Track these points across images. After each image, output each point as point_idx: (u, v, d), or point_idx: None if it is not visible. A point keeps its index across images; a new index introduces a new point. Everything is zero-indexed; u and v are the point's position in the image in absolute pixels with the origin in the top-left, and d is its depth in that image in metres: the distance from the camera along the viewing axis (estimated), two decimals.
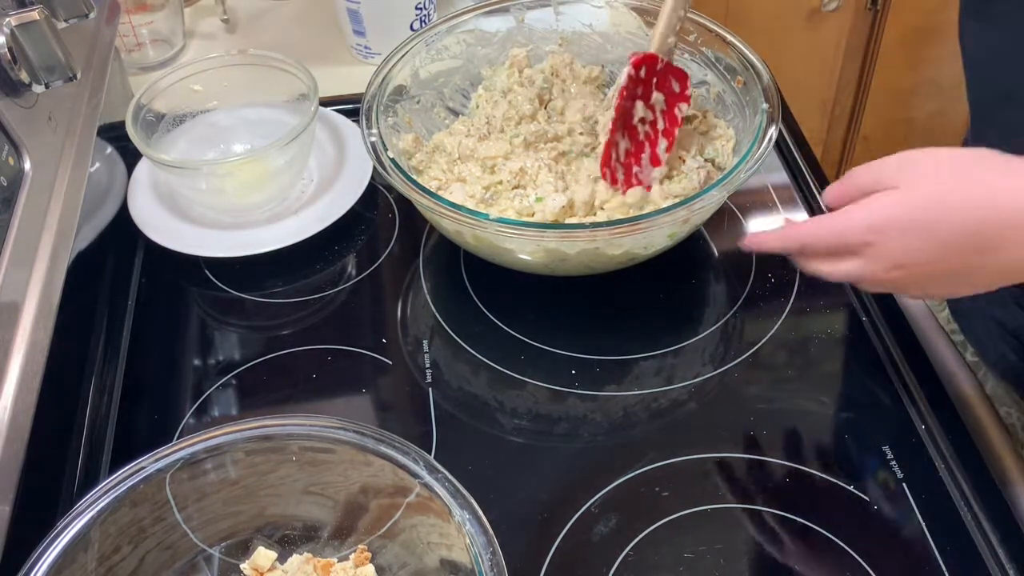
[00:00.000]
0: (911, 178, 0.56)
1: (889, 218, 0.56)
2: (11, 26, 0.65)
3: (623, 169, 0.79)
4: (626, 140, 0.80)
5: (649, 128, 0.80)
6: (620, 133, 0.80)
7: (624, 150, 0.79)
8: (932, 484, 0.67)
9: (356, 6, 1.04)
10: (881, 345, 0.77)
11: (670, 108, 0.80)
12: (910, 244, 0.55)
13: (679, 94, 0.80)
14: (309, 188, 0.91)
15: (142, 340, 0.81)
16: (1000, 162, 0.55)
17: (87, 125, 0.75)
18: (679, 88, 0.79)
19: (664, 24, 0.78)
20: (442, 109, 0.92)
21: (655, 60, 0.79)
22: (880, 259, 0.57)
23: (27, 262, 0.63)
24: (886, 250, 0.56)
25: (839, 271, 0.60)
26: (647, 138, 0.80)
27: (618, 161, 0.80)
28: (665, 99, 0.80)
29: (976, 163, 0.55)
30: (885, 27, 1.72)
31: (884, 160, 0.59)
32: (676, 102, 0.80)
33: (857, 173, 0.60)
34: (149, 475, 0.58)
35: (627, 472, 0.69)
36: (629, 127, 0.80)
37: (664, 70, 0.80)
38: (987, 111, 0.75)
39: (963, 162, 0.56)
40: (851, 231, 0.57)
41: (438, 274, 0.86)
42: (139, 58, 1.09)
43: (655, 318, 0.81)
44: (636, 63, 0.78)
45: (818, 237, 0.60)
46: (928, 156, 0.57)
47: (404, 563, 0.60)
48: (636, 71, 0.79)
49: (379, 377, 0.77)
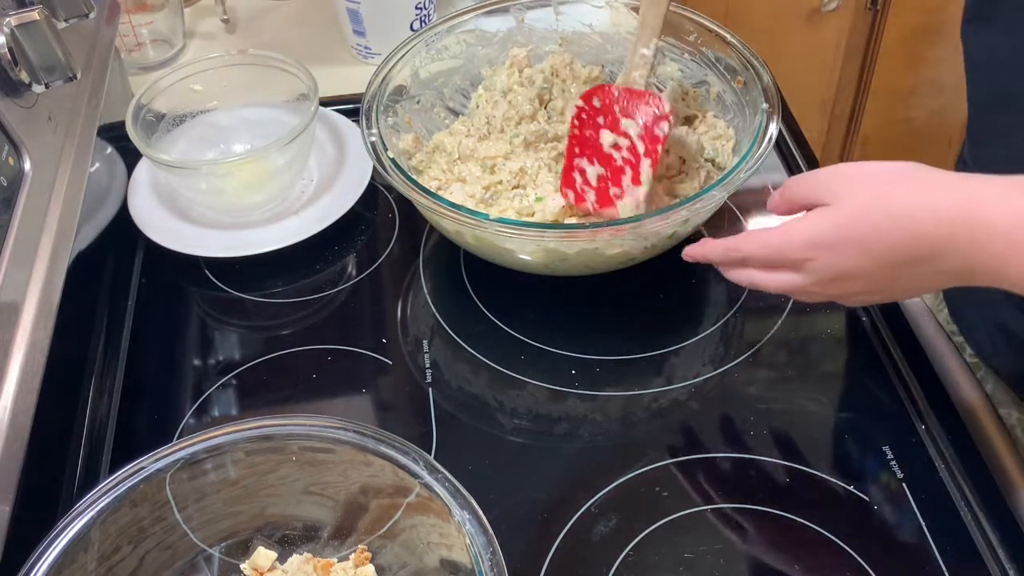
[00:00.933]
0: (843, 193, 0.57)
1: (824, 234, 0.58)
2: (11, 26, 0.65)
3: (595, 192, 0.79)
4: (597, 166, 0.79)
5: (628, 153, 0.78)
6: (586, 159, 0.79)
7: (596, 175, 0.79)
8: (932, 484, 0.67)
9: (356, 6, 1.04)
10: (881, 345, 0.77)
11: (648, 130, 0.78)
12: (844, 260, 0.57)
13: (658, 115, 0.77)
14: (309, 188, 0.91)
15: (142, 340, 0.81)
16: (929, 176, 0.56)
17: (87, 125, 0.75)
18: (657, 110, 0.77)
19: (628, 62, 0.79)
20: (442, 109, 0.92)
21: (608, 90, 0.78)
22: (817, 273, 0.59)
23: (27, 262, 0.63)
24: (823, 265, 0.58)
25: (777, 283, 0.62)
26: (626, 162, 0.78)
27: (587, 184, 0.79)
28: (642, 123, 0.78)
29: (906, 177, 0.56)
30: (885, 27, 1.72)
31: (817, 174, 0.61)
32: (656, 122, 0.78)
33: (793, 185, 0.62)
34: (149, 475, 0.58)
35: (627, 472, 0.69)
36: (600, 155, 0.79)
37: (626, 96, 0.78)
38: (986, 115, 0.75)
39: (894, 177, 0.57)
40: (790, 248, 0.59)
41: (438, 274, 0.86)
42: (139, 58, 1.09)
43: (655, 318, 0.81)
44: (585, 96, 0.79)
45: (758, 252, 0.62)
46: (860, 171, 0.58)
47: (404, 563, 0.60)
48: (587, 103, 0.79)
49: (379, 377, 0.77)
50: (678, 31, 0.88)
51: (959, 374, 0.75)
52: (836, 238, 0.57)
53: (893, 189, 0.56)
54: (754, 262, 0.63)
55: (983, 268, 0.54)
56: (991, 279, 0.54)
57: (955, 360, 0.76)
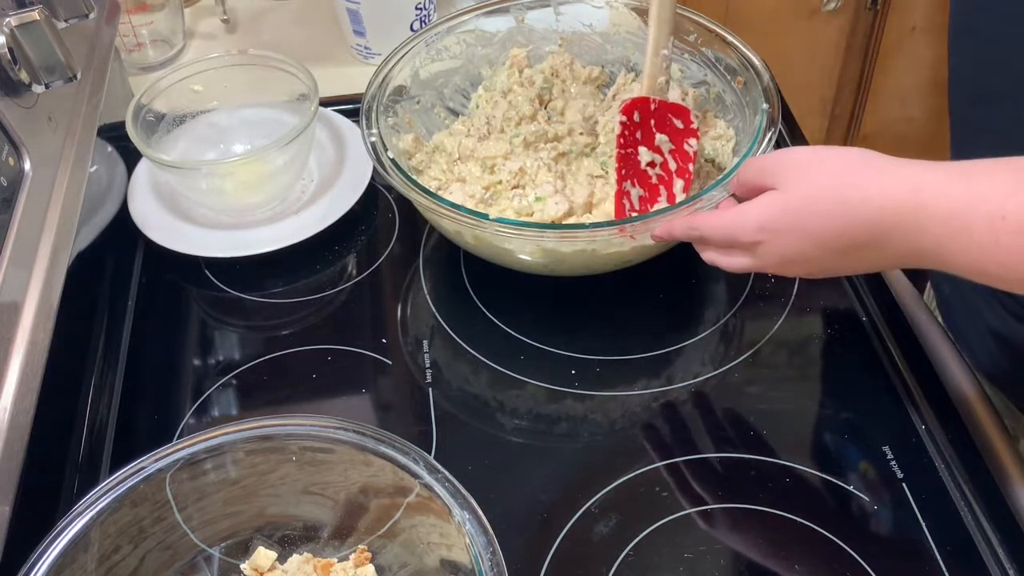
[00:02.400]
0: (792, 179, 0.59)
1: (772, 219, 0.60)
2: (11, 26, 0.65)
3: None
4: (638, 188, 0.78)
5: (661, 170, 0.78)
6: (630, 182, 0.78)
7: (638, 197, 0.78)
8: (932, 484, 0.67)
9: (356, 6, 1.04)
10: (881, 345, 0.77)
11: (678, 146, 0.77)
12: (792, 244, 0.59)
13: (684, 129, 0.77)
14: (309, 188, 0.91)
15: (142, 340, 0.81)
16: (878, 164, 0.57)
17: (87, 125, 0.75)
18: (683, 124, 0.77)
19: (649, 66, 0.77)
20: (442, 109, 0.92)
21: (647, 102, 0.77)
22: (769, 256, 0.61)
23: (27, 262, 0.63)
24: (774, 248, 0.60)
25: (733, 264, 0.64)
26: (660, 180, 0.78)
27: (632, 210, 0.77)
28: (670, 138, 0.77)
29: (855, 165, 0.57)
30: (885, 27, 1.72)
31: (769, 157, 0.63)
32: (683, 138, 0.77)
33: (749, 168, 0.64)
34: (149, 475, 0.58)
35: (627, 472, 0.69)
36: (639, 174, 0.78)
37: (660, 109, 0.77)
38: (966, 111, 0.76)
39: (842, 163, 0.58)
40: (741, 231, 0.62)
41: (438, 274, 0.86)
42: (139, 58, 1.09)
43: (655, 318, 0.81)
44: (626, 109, 0.77)
45: (713, 232, 0.65)
46: (811, 157, 0.60)
47: (404, 563, 0.60)
48: (629, 117, 0.77)
49: (379, 377, 0.77)
50: (678, 31, 0.88)
51: (959, 374, 0.75)
52: (783, 223, 0.59)
53: (842, 177, 0.57)
54: (712, 242, 0.65)
55: (927, 253, 0.55)
56: (935, 263, 0.56)
57: (955, 360, 0.76)
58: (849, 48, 1.76)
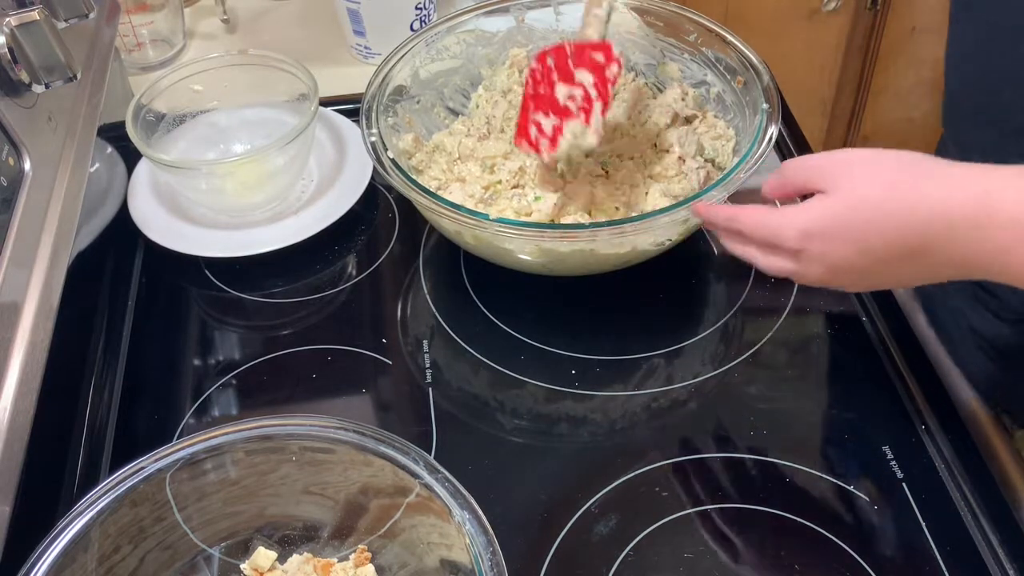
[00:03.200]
0: (842, 184, 0.57)
1: (819, 226, 0.57)
2: (11, 26, 0.65)
3: (548, 141, 0.77)
4: (553, 118, 0.77)
5: (583, 100, 0.77)
6: (543, 114, 0.77)
7: (552, 126, 0.77)
8: (932, 484, 0.67)
9: (356, 6, 1.04)
10: (881, 345, 0.77)
11: (600, 77, 0.76)
12: (837, 251, 0.57)
13: (606, 61, 0.76)
14: (309, 188, 0.91)
15: (142, 340, 0.81)
16: (930, 168, 0.55)
17: (87, 125, 0.76)
18: (604, 58, 0.76)
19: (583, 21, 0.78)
20: (442, 109, 0.92)
21: (562, 48, 0.77)
22: (811, 263, 0.59)
23: (27, 262, 0.63)
24: (817, 255, 0.58)
25: (773, 267, 0.62)
26: (581, 109, 0.77)
27: (541, 135, 0.77)
28: (592, 72, 0.76)
29: (906, 169, 0.56)
30: (885, 27, 1.72)
31: (816, 158, 0.60)
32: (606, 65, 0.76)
33: (791, 168, 0.62)
34: (149, 475, 0.58)
35: (627, 472, 0.69)
36: (556, 108, 0.77)
37: (578, 50, 0.77)
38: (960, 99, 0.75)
39: (894, 168, 0.56)
40: (786, 234, 0.59)
41: (438, 274, 0.86)
42: (139, 58, 1.09)
43: (655, 318, 0.81)
44: (539, 57, 0.77)
45: (755, 231, 0.62)
46: (860, 158, 0.58)
47: (404, 563, 0.60)
48: (542, 64, 0.77)
49: (379, 377, 0.77)
50: (678, 31, 0.88)
51: (958, 374, 0.75)
52: (834, 230, 0.57)
53: (893, 181, 0.55)
54: (752, 239, 0.63)
55: (986, 260, 0.53)
56: (991, 272, 0.54)
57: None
58: (849, 48, 1.75)
